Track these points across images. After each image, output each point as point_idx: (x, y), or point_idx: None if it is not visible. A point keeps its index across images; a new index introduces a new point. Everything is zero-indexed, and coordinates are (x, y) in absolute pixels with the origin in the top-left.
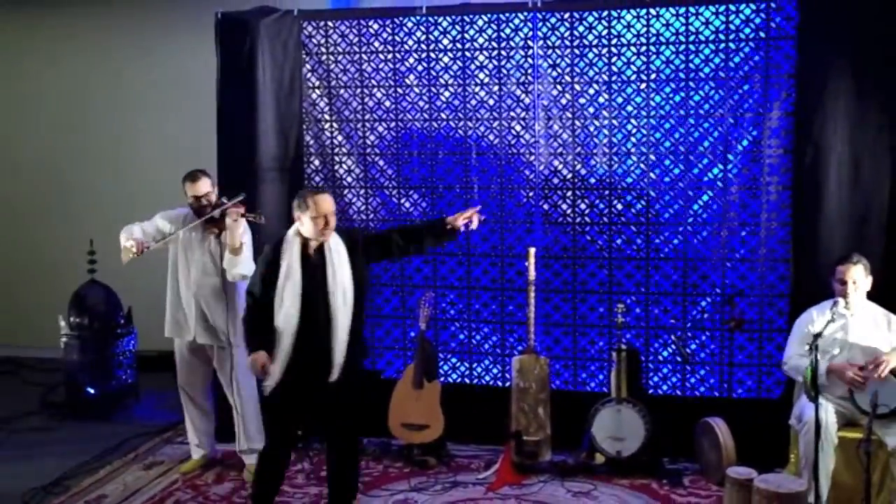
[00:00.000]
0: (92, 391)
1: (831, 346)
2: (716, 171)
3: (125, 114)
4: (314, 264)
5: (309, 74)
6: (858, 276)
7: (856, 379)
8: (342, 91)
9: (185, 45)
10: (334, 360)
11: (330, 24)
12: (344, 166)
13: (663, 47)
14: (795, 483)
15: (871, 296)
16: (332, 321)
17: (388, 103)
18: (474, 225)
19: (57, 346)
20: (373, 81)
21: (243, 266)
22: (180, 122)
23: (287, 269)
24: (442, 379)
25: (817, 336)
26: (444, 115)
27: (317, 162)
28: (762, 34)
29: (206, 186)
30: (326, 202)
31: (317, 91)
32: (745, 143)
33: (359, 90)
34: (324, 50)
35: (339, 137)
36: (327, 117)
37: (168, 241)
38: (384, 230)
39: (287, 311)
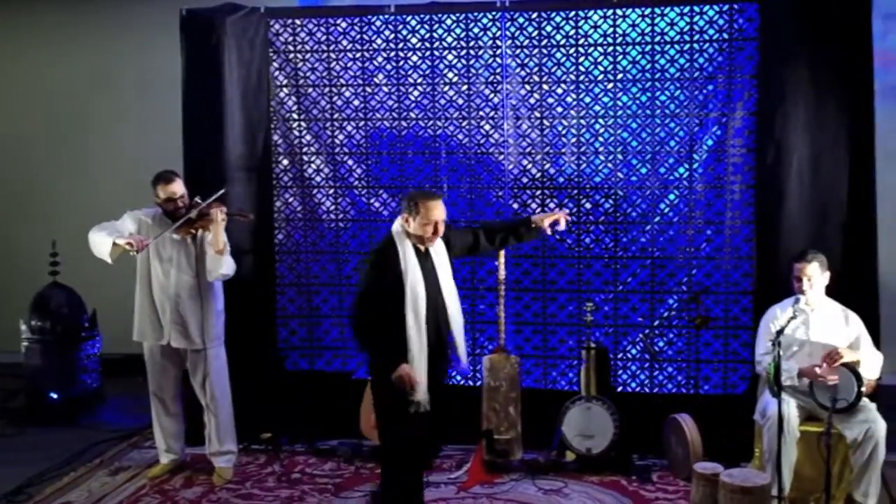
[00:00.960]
0: (55, 396)
1: (792, 343)
2: (681, 170)
3: (88, 113)
4: (428, 266)
5: (276, 73)
6: (813, 273)
7: (825, 380)
8: (310, 90)
9: (150, 42)
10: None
11: (297, 21)
12: (313, 166)
13: (630, 48)
14: (759, 477)
15: (831, 292)
16: (450, 324)
17: (356, 102)
18: (561, 226)
19: (18, 351)
20: (341, 80)
21: (227, 266)
22: (145, 121)
23: (410, 275)
24: None
25: (779, 333)
26: (413, 115)
27: (285, 161)
28: (725, 36)
29: (181, 187)
30: (438, 209)
31: (285, 90)
32: (709, 142)
33: (327, 89)
34: (291, 48)
35: (308, 137)
36: (296, 116)
37: (160, 237)
38: (467, 227)
39: (418, 316)
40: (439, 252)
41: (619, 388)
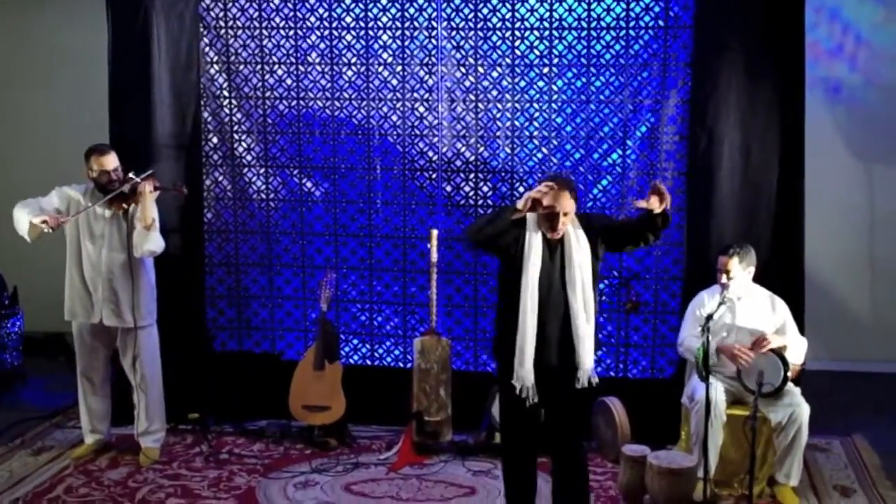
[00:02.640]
0: None
1: (720, 328)
2: (615, 156)
3: (11, 89)
4: (553, 248)
5: (207, 49)
6: (734, 268)
7: (740, 357)
8: (242, 67)
9: (75, 16)
10: (579, 364)
11: None
12: (243, 144)
13: (566, 32)
14: (686, 459)
15: (760, 278)
16: (571, 317)
17: (289, 81)
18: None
19: None
20: (273, 58)
21: (154, 242)
22: (71, 98)
23: (528, 247)
24: (343, 360)
25: (709, 318)
26: (346, 95)
27: (215, 139)
28: (661, 23)
29: (114, 161)
30: (555, 198)
31: (215, 66)
32: (643, 129)
33: (259, 66)
34: (222, 24)
35: (239, 115)
36: (226, 94)
37: (80, 213)
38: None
39: (528, 301)
40: (577, 240)
41: None
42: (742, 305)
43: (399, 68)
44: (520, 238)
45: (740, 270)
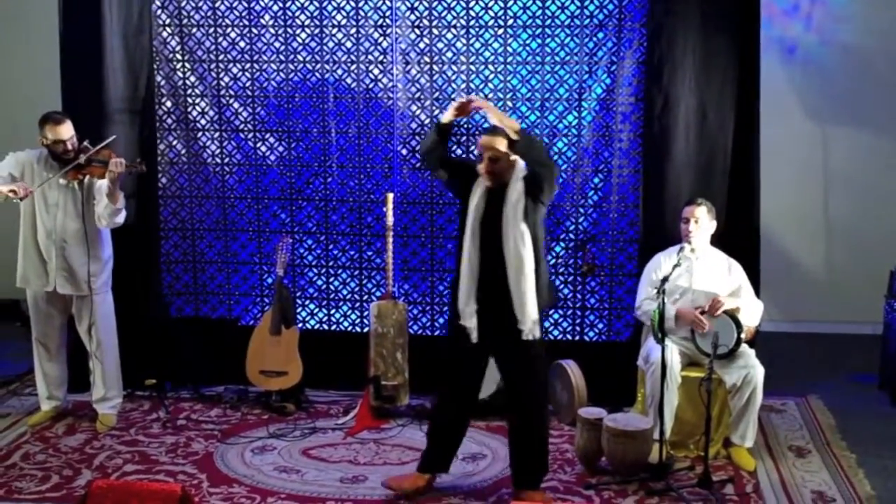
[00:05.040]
0: None
1: (676, 290)
2: (570, 118)
3: None
4: (497, 198)
5: (159, 11)
6: (701, 216)
7: (698, 321)
8: (194, 30)
9: None
10: (518, 316)
11: None
12: (197, 108)
13: None
14: (642, 421)
15: (714, 241)
16: (506, 267)
17: (242, 44)
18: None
19: None
20: (226, 21)
21: (122, 215)
22: (20, 62)
23: (473, 193)
24: (300, 325)
25: (664, 280)
26: (300, 58)
27: (169, 103)
28: None
29: (69, 130)
30: (485, 141)
31: (168, 29)
32: (598, 90)
33: (212, 29)
34: None
35: (192, 78)
36: (179, 57)
37: (44, 184)
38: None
39: (467, 244)
40: (512, 194)
41: None
42: (699, 267)
43: (353, 30)
44: (470, 184)
45: (707, 220)
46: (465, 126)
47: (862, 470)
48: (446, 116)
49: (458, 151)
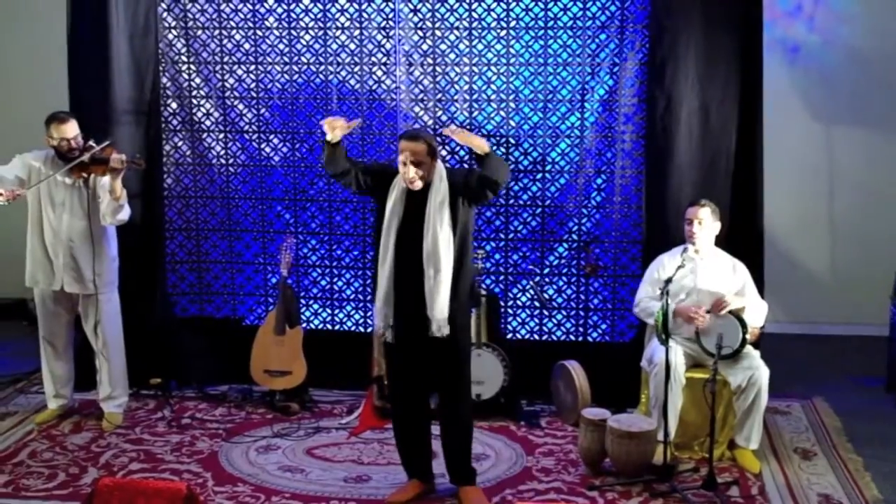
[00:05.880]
0: None
1: (680, 290)
2: (573, 119)
3: None
4: (417, 200)
5: (165, 14)
6: (705, 217)
7: (695, 316)
8: (200, 32)
9: None
10: (430, 314)
11: None
12: (202, 109)
13: None
14: (645, 422)
15: (718, 241)
16: (425, 269)
17: (247, 46)
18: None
19: None
20: (231, 23)
21: (126, 212)
22: (29, 63)
23: (390, 196)
24: (304, 325)
25: (668, 281)
26: (304, 59)
27: (174, 105)
28: None
29: (74, 129)
30: (402, 146)
31: (173, 31)
32: (601, 91)
33: (217, 31)
34: None
35: (198, 80)
36: (185, 59)
37: (40, 183)
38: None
39: (386, 251)
40: (438, 193)
41: (509, 336)
42: (703, 267)
43: (357, 32)
44: (388, 187)
45: (710, 221)
46: (468, 127)
47: (869, 473)
48: (334, 136)
49: (461, 153)
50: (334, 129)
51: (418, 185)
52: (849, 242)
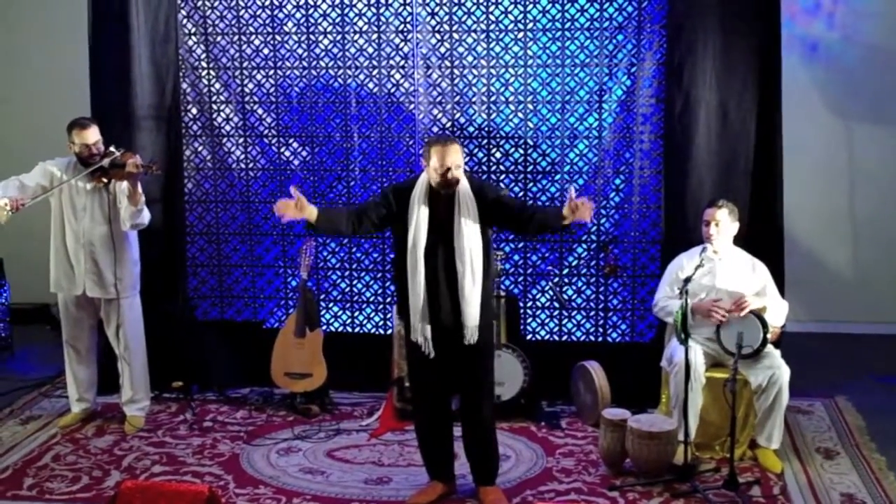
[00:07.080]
0: None
1: (699, 290)
2: (591, 120)
3: None
4: (441, 217)
5: (185, 20)
6: (722, 218)
7: (714, 311)
8: (219, 38)
9: None
10: (465, 323)
11: None
12: (222, 114)
13: None
14: (666, 422)
15: (739, 240)
16: (458, 280)
17: (266, 51)
18: (586, 218)
19: None
20: (250, 28)
21: (145, 216)
22: (51, 69)
23: (413, 216)
24: (324, 328)
25: (687, 280)
26: (323, 63)
27: (194, 110)
28: None
29: (95, 134)
30: (449, 154)
31: (193, 37)
32: (619, 92)
33: (236, 37)
34: None
35: (217, 85)
36: (204, 65)
37: (52, 192)
38: (522, 202)
39: (416, 262)
40: (467, 207)
41: (529, 337)
42: (722, 267)
43: (374, 36)
44: (404, 209)
45: (728, 222)
46: (486, 129)
47: (892, 472)
48: (298, 216)
49: (479, 155)
50: (283, 215)
51: (450, 189)
52: (870, 240)
